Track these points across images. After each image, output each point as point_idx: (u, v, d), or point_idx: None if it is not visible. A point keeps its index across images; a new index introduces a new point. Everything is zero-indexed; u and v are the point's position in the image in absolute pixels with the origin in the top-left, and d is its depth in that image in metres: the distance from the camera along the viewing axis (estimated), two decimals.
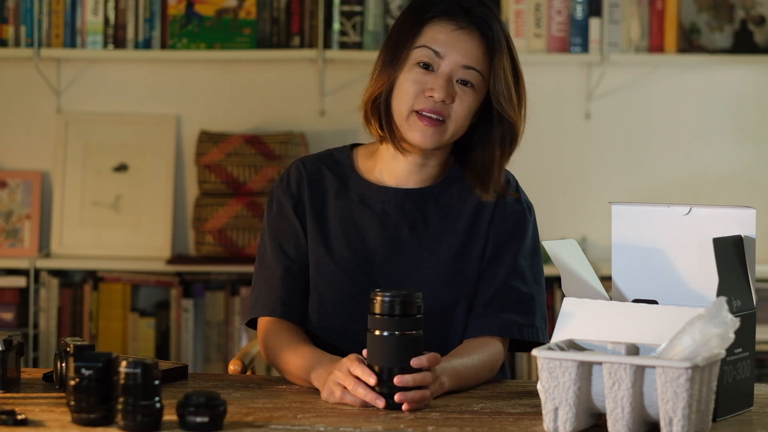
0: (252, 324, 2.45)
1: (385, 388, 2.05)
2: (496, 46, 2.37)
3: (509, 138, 2.48)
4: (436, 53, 2.34)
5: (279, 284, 2.40)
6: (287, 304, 2.38)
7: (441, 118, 2.33)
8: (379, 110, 2.37)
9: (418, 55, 2.34)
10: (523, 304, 2.37)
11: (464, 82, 2.35)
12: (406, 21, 2.39)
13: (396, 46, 2.37)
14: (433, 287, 2.34)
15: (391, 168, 2.42)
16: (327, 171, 2.45)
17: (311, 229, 2.42)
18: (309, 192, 2.43)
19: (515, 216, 2.45)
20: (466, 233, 2.41)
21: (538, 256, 2.45)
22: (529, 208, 2.50)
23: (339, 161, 2.46)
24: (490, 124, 2.42)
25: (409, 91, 2.33)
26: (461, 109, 2.35)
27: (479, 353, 2.28)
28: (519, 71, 2.46)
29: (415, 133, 2.34)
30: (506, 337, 2.36)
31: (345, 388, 2.07)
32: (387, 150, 2.42)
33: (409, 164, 2.41)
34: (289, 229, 2.43)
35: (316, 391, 2.19)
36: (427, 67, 2.34)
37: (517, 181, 2.56)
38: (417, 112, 2.33)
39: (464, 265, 2.39)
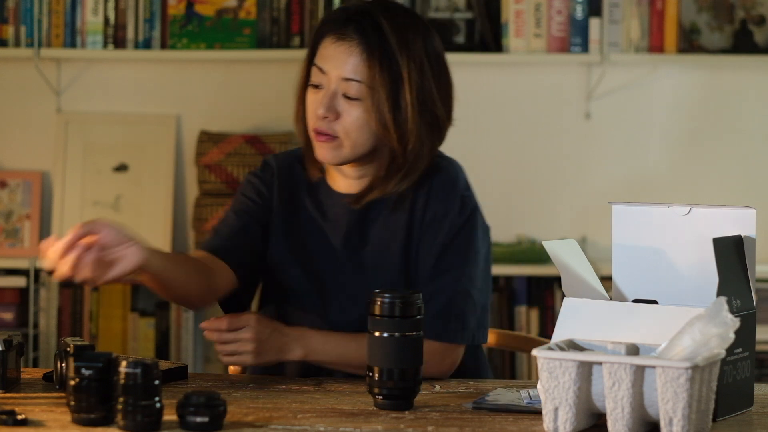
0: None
1: (384, 388, 2.05)
2: (372, 55, 2.32)
3: (387, 152, 2.39)
4: (321, 70, 2.35)
5: (231, 233, 2.44)
6: (229, 249, 2.42)
7: (331, 135, 2.34)
8: (302, 131, 2.43)
9: (312, 74, 2.37)
10: (450, 306, 2.36)
11: (347, 96, 2.33)
12: (311, 40, 2.41)
13: (301, 66, 2.41)
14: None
15: (335, 178, 2.46)
16: (299, 167, 2.48)
17: (278, 224, 2.45)
18: (279, 189, 2.47)
19: (440, 220, 2.39)
20: (405, 248, 2.40)
21: (465, 257, 2.39)
22: (465, 207, 2.42)
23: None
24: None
25: (307, 112, 2.38)
26: (349, 124, 2.34)
27: None
28: (403, 80, 2.34)
29: (317, 151, 2.38)
30: (442, 341, 2.35)
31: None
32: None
33: (346, 177, 2.43)
34: (254, 207, 2.46)
35: (316, 391, 2.20)
36: (318, 86, 2.36)
37: (454, 181, 2.45)
38: (314, 131, 2.36)
39: (405, 281, 2.39)
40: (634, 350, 1.93)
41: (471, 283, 2.38)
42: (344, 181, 2.45)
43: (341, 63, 2.33)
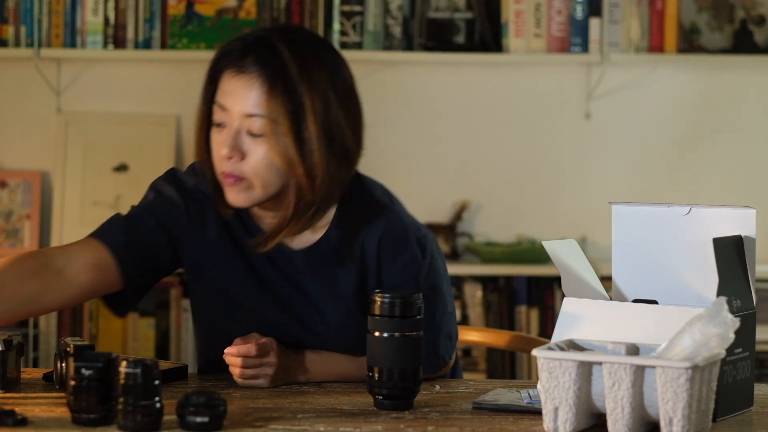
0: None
1: (384, 388, 2.05)
2: (273, 87, 2.16)
3: (294, 189, 2.22)
4: (222, 107, 2.19)
5: (127, 228, 2.30)
6: (125, 248, 2.28)
7: (238, 177, 2.18)
8: (211, 173, 2.25)
9: (214, 112, 2.21)
10: (437, 338, 2.30)
11: (251, 133, 2.17)
12: (206, 75, 2.25)
13: (200, 104, 2.25)
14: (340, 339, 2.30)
15: (260, 220, 2.31)
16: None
17: (190, 253, 2.32)
18: (198, 227, 2.32)
19: (405, 270, 2.27)
20: (354, 286, 2.29)
21: (439, 285, 2.31)
22: (422, 247, 2.29)
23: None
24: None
25: (213, 154, 2.21)
26: (257, 163, 2.17)
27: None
28: (305, 111, 2.17)
29: (227, 195, 2.21)
30: None
31: None
32: None
33: (268, 220, 2.29)
34: (160, 213, 2.31)
35: (316, 391, 2.20)
36: (220, 125, 2.20)
37: (402, 225, 2.30)
38: (222, 174, 2.21)
39: (360, 318, 2.26)
40: (634, 350, 1.93)
41: (440, 315, 2.32)
42: (269, 227, 2.28)
43: (242, 98, 2.17)
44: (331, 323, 2.30)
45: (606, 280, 2.12)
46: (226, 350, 2.22)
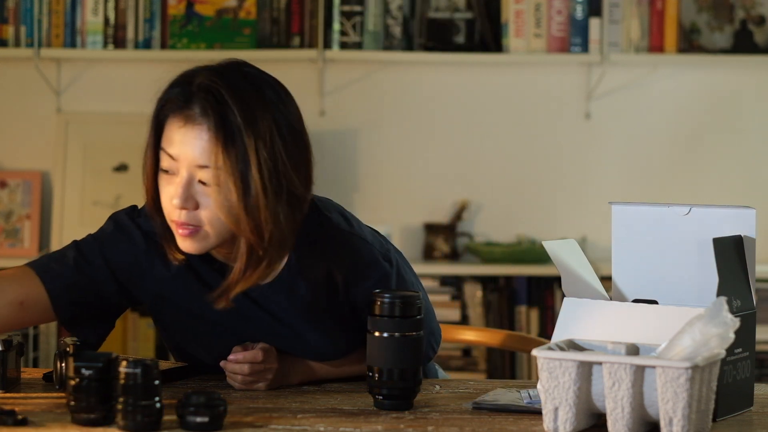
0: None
1: (384, 388, 2.05)
2: (218, 137, 2.08)
3: (245, 243, 2.13)
4: (171, 157, 2.11)
5: (71, 266, 2.24)
6: (58, 278, 2.22)
7: (194, 226, 2.11)
8: (159, 219, 2.19)
9: (162, 159, 2.13)
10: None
11: (203, 183, 2.10)
12: (151, 120, 2.17)
13: (146, 149, 2.16)
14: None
15: (222, 255, 2.24)
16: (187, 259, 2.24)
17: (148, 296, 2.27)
18: (154, 274, 2.25)
19: (379, 284, 2.22)
20: (323, 308, 2.25)
21: (408, 288, 2.27)
22: (389, 260, 2.25)
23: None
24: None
25: (163, 201, 2.14)
26: (210, 213, 2.10)
27: (356, 364, 2.27)
28: (250, 163, 2.08)
29: (180, 243, 2.15)
30: None
31: None
32: None
33: (229, 255, 2.21)
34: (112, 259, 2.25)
35: (316, 391, 2.20)
36: (168, 171, 2.12)
37: (366, 249, 2.24)
38: (175, 223, 2.13)
39: (337, 331, 2.27)
40: (634, 350, 1.93)
41: (424, 304, 2.24)
42: (226, 255, 2.22)
43: (190, 149, 2.09)
44: (307, 342, 2.26)
45: (606, 280, 2.12)
46: (230, 358, 2.19)
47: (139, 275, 2.26)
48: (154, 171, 2.16)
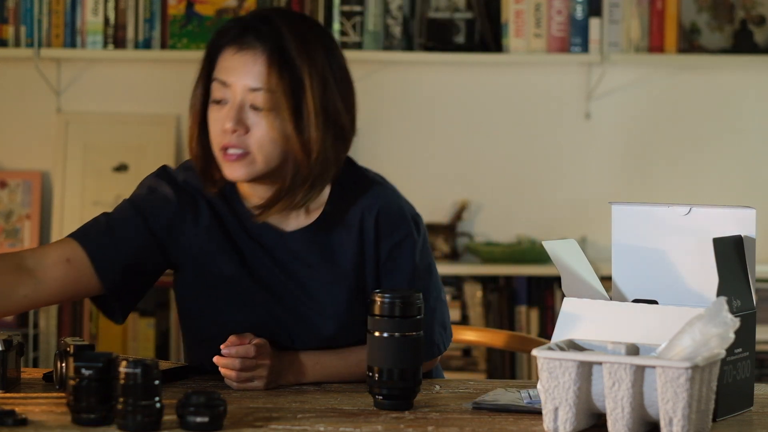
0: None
1: (384, 388, 2.05)
2: (274, 62, 2.20)
3: (292, 161, 2.24)
4: (224, 83, 2.23)
5: (110, 230, 2.31)
6: (101, 246, 2.29)
7: (243, 151, 2.21)
8: (201, 151, 2.28)
9: (213, 90, 2.24)
10: (432, 322, 2.31)
11: (255, 107, 2.20)
12: (204, 56, 2.30)
13: (197, 84, 2.28)
14: (334, 327, 2.31)
15: (252, 203, 2.31)
16: (223, 202, 2.33)
17: (209, 253, 2.32)
18: (193, 217, 2.32)
19: (401, 245, 2.30)
20: (351, 265, 2.30)
21: (427, 273, 2.33)
22: (416, 225, 2.33)
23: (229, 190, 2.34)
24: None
25: (212, 131, 2.24)
26: (261, 136, 2.20)
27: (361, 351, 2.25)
28: (304, 87, 2.21)
29: (225, 169, 2.23)
30: None
31: None
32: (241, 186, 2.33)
33: (261, 200, 2.29)
34: (159, 216, 2.32)
35: (316, 391, 2.20)
36: (221, 101, 2.23)
37: (396, 202, 2.33)
38: (222, 149, 2.23)
39: (353, 299, 2.30)
40: (634, 350, 1.93)
41: (434, 298, 2.34)
42: (258, 200, 2.30)
43: (245, 73, 2.21)
44: (325, 311, 2.30)
45: (606, 280, 2.12)
46: (223, 348, 2.19)
47: (174, 233, 2.32)
48: (202, 103, 2.26)
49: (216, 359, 2.21)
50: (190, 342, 2.41)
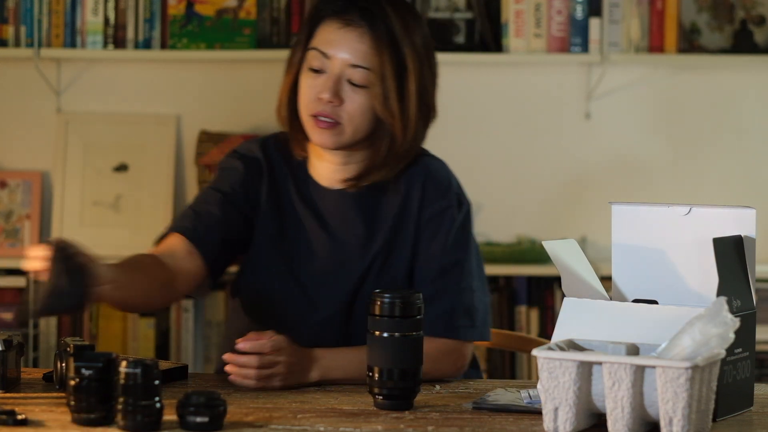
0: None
1: (384, 388, 2.05)
2: (379, 42, 2.33)
3: (388, 137, 2.39)
4: (324, 54, 2.34)
5: (210, 220, 2.41)
6: (200, 232, 2.40)
7: (334, 120, 2.34)
8: (287, 114, 2.43)
9: (310, 58, 2.36)
10: (445, 304, 2.37)
11: (352, 82, 2.34)
12: (304, 23, 2.41)
13: (294, 49, 2.40)
14: (360, 293, 2.37)
15: (317, 166, 2.45)
16: (284, 160, 2.48)
17: (263, 216, 2.44)
18: (267, 186, 2.45)
19: (441, 215, 2.41)
20: (392, 237, 2.40)
21: (465, 251, 2.41)
22: (461, 203, 2.44)
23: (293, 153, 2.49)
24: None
25: (305, 96, 2.37)
26: (353, 109, 2.34)
27: None
28: (408, 70, 2.36)
29: (314, 135, 2.37)
30: (448, 338, 2.36)
31: None
32: (311, 147, 2.45)
33: (332, 163, 2.43)
34: (237, 196, 2.45)
35: (316, 391, 2.20)
36: (318, 71, 2.35)
37: (448, 178, 2.45)
38: (313, 116, 2.35)
39: (392, 269, 2.39)
40: (634, 350, 1.93)
41: (473, 279, 2.40)
42: (327, 169, 2.44)
43: (349, 49, 2.33)
44: (354, 268, 2.38)
45: (606, 280, 2.12)
46: (239, 344, 2.18)
47: (250, 198, 2.45)
48: (297, 69, 2.38)
49: (228, 357, 2.19)
50: (238, 328, 2.42)
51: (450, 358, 2.34)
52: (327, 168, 2.43)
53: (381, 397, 2.06)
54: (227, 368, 2.19)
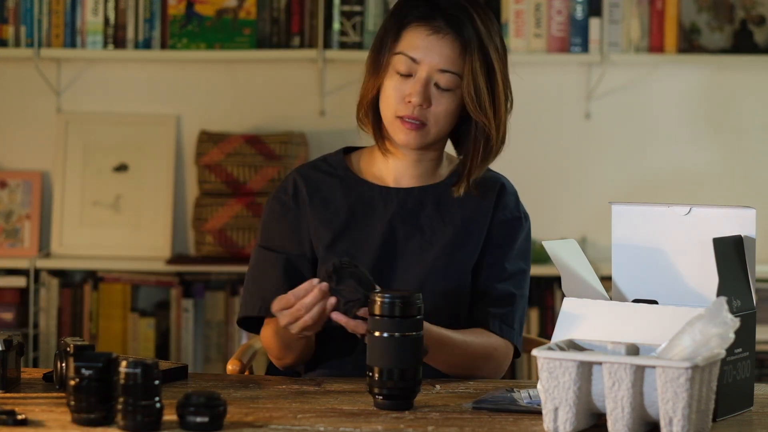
0: (245, 325, 2.49)
1: (384, 388, 2.05)
2: (468, 48, 2.40)
3: (483, 138, 2.46)
4: (413, 60, 2.40)
5: (267, 283, 2.44)
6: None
7: (421, 122, 2.40)
8: (369, 113, 2.46)
9: (396, 62, 2.41)
10: (506, 305, 2.47)
11: (439, 86, 2.40)
12: (387, 27, 2.46)
13: (378, 52, 2.45)
14: (427, 282, 2.42)
15: (389, 166, 2.49)
16: (324, 175, 2.51)
17: (316, 231, 2.46)
18: (309, 197, 2.48)
19: (512, 222, 2.52)
20: (464, 229, 2.47)
21: (526, 263, 2.54)
22: (526, 217, 2.56)
23: (334, 165, 2.52)
24: (471, 120, 2.47)
25: (391, 98, 2.42)
26: (439, 112, 2.41)
27: (472, 335, 2.39)
28: (495, 71, 2.43)
29: (400, 135, 2.42)
30: (503, 337, 2.43)
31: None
32: (380, 152, 2.50)
33: (404, 161, 2.48)
34: (282, 231, 2.47)
35: (316, 391, 2.20)
36: (406, 74, 2.41)
37: (516, 192, 2.58)
38: (399, 117, 2.40)
39: (458, 263, 2.45)
40: (634, 350, 1.93)
41: (521, 294, 2.51)
42: (397, 168, 2.48)
43: (437, 55, 2.39)
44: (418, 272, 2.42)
45: (606, 280, 2.12)
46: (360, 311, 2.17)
47: (305, 233, 2.47)
48: (376, 71, 2.44)
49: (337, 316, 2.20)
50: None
51: (499, 355, 2.42)
52: (400, 165, 2.48)
53: (381, 397, 2.06)
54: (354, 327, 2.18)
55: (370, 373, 2.05)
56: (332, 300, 2.16)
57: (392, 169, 2.49)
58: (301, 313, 2.17)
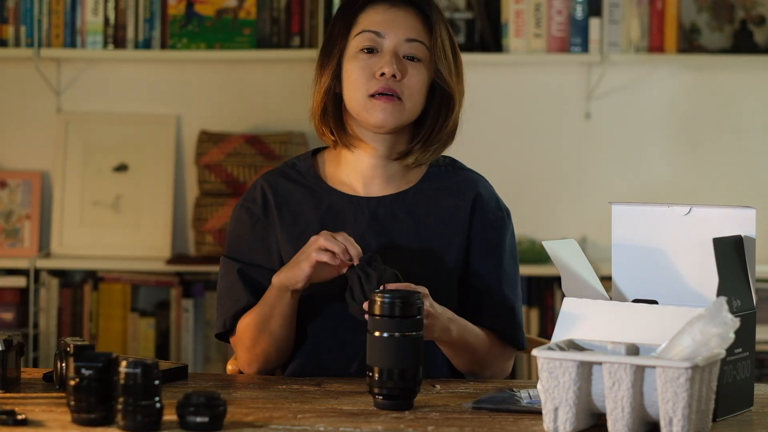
0: (224, 338, 2.46)
1: (384, 388, 2.05)
2: (433, 19, 2.38)
3: (445, 109, 2.42)
4: (377, 33, 2.36)
5: (237, 296, 2.40)
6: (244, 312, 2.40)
7: (396, 96, 2.35)
8: (329, 114, 2.41)
9: (358, 42, 2.37)
10: (509, 310, 2.43)
11: (410, 57, 2.37)
12: (339, 16, 2.42)
13: (333, 43, 2.40)
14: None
15: (356, 170, 2.43)
16: (294, 185, 2.45)
17: (284, 246, 2.40)
18: (278, 210, 2.42)
19: (498, 223, 2.46)
20: (441, 236, 2.41)
21: (514, 260, 2.48)
22: (508, 215, 2.50)
23: (303, 172, 2.46)
24: (431, 97, 2.41)
25: (359, 78, 2.36)
26: (414, 84, 2.36)
27: (485, 333, 2.39)
28: (455, 43, 2.42)
29: (376, 113, 2.35)
30: (512, 341, 2.43)
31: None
32: (348, 152, 2.43)
33: (371, 164, 2.42)
34: (250, 243, 2.43)
35: (316, 391, 2.20)
36: (371, 51, 2.36)
37: (493, 190, 2.53)
38: (372, 96, 2.35)
39: (437, 273, 2.40)
40: (634, 350, 1.93)
41: (518, 292, 2.47)
42: (364, 171, 2.42)
43: (402, 25, 2.37)
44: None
45: (606, 280, 2.12)
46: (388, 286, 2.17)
47: (272, 241, 2.42)
48: (337, 63, 2.38)
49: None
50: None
51: (507, 357, 2.43)
52: (367, 169, 2.42)
53: (381, 397, 2.06)
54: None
55: (370, 373, 2.05)
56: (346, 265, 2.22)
57: (360, 173, 2.43)
58: (342, 245, 2.21)
